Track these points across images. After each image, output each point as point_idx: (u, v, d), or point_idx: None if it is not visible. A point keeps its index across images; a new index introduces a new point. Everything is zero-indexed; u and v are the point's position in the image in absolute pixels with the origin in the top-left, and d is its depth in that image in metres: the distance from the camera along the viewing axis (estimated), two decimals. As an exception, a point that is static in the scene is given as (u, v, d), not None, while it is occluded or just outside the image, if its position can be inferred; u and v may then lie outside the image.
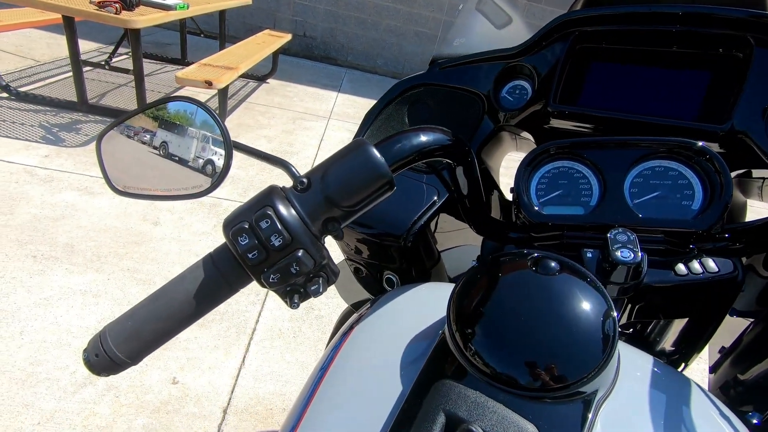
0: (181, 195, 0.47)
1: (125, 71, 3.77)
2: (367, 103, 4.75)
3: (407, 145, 0.43)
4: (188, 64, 3.96)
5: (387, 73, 6.03)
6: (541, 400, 0.35)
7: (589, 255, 0.55)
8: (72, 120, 3.04)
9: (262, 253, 0.37)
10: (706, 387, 0.67)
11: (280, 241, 0.37)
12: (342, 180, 0.40)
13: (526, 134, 0.83)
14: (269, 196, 0.39)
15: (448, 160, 0.51)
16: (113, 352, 0.37)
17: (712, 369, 0.70)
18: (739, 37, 0.62)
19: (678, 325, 0.71)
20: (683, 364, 0.78)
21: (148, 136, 0.50)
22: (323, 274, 0.41)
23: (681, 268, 0.54)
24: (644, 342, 0.83)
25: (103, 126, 3.08)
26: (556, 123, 0.75)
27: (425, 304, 0.56)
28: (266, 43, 4.16)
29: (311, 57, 5.95)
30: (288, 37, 4.65)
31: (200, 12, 3.45)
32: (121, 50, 4.05)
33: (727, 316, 0.63)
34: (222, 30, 4.51)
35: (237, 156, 0.45)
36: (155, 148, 0.49)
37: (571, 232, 0.58)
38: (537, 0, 5.38)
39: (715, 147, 0.65)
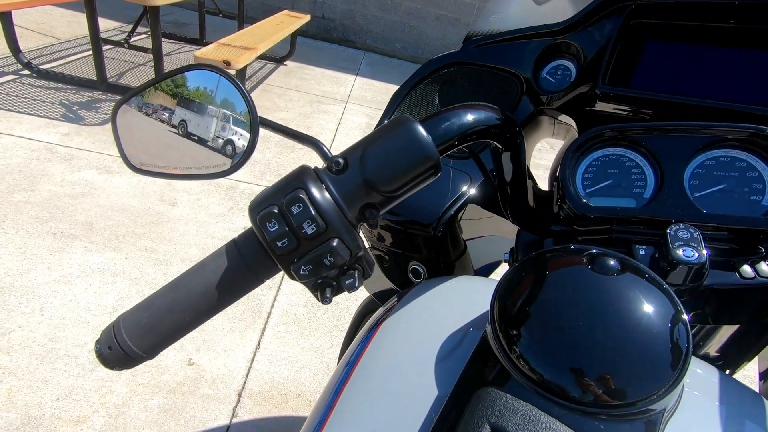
0: (201, 174, 0.44)
1: (144, 50, 3.75)
2: (384, 87, 4.67)
3: (456, 124, 0.39)
4: (206, 44, 3.92)
5: (406, 57, 5.90)
6: (599, 417, 0.31)
7: (642, 252, 0.50)
8: (91, 99, 3.04)
9: (293, 241, 0.34)
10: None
11: (313, 229, 0.33)
12: (384, 161, 0.35)
13: (566, 118, 0.78)
14: (301, 177, 0.35)
15: (496, 143, 0.46)
16: (127, 345, 0.34)
17: (763, 376, 0.65)
18: None
19: (726, 328, 0.65)
20: (727, 371, 0.73)
21: (167, 114, 0.47)
22: (359, 266, 0.37)
23: (747, 269, 0.49)
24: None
25: (122, 105, 3.09)
26: (601, 106, 0.70)
27: (459, 300, 0.52)
28: (284, 24, 4.09)
29: (329, 39, 5.85)
30: (306, 18, 4.57)
31: (219, -10, 3.40)
32: (140, 29, 4.03)
33: None
34: (240, 10, 4.46)
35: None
36: (174, 126, 0.46)
37: (620, 227, 0.53)
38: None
39: None
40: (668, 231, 0.48)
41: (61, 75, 3.15)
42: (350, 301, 1.92)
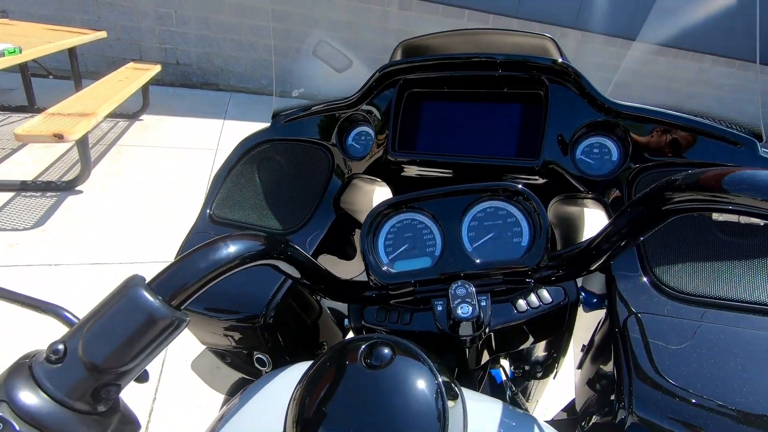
0: None
1: (-48, 131, 3.18)
2: (257, 127, 4.56)
3: (195, 271, 0.38)
4: (39, 110, 3.47)
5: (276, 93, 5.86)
6: None
7: (439, 308, 0.55)
8: None
9: None
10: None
11: None
12: (107, 339, 0.33)
13: (380, 181, 0.82)
14: (6, 385, 0.31)
15: (260, 263, 0.46)
16: None
17: (578, 366, 0.75)
18: (537, 79, 0.67)
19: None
20: (555, 370, 0.82)
21: None
22: None
23: (521, 304, 0.56)
24: (519, 356, 0.87)
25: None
26: (409, 170, 0.75)
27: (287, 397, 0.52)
28: (131, 78, 3.80)
29: (189, 85, 5.58)
30: (157, 68, 4.30)
31: (39, 54, 3.03)
32: (-56, 105, 3.42)
33: (582, 313, 0.67)
34: (74, 69, 4.03)
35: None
36: None
37: (422, 287, 0.58)
38: (407, 8, 5.64)
39: (538, 178, 0.69)
40: (450, 290, 0.52)
41: None
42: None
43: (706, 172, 0.36)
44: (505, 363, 0.90)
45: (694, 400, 0.43)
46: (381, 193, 0.88)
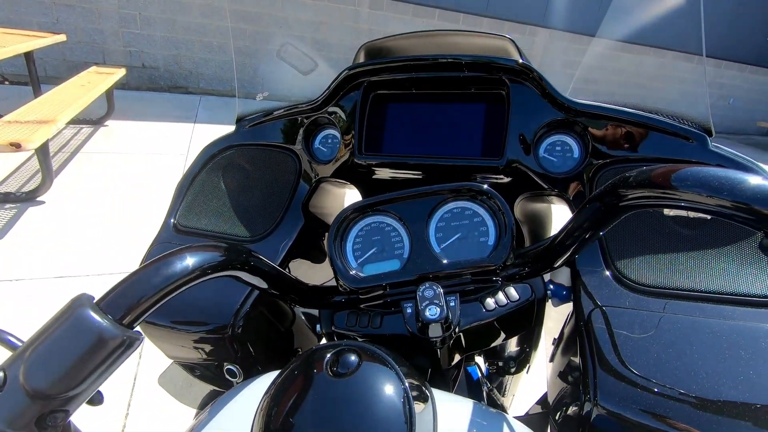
0: None
1: None
2: (229, 130, 4.46)
3: (147, 287, 0.36)
4: (-6, 118, 3.30)
5: (244, 95, 5.76)
6: None
7: (408, 311, 0.55)
8: None
9: None
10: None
11: None
12: (51, 363, 0.31)
13: (350, 185, 0.82)
14: None
15: (220, 275, 0.45)
16: None
17: (550, 359, 0.76)
18: (498, 79, 0.68)
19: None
20: (528, 364, 0.83)
21: None
22: None
23: (489, 302, 0.56)
24: (493, 352, 0.88)
25: None
26: (373, 170, 0.75)
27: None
28: (94, 82, 3.66)
29: (156, 88, 5.42)
30: (121, 71, 4.17)
31: (-8, 59, 2.89)
32: None
33: (552, 307, 0.68)
34: (32, 74, 3.85)
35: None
36: None
37: (391, 290, 0.57)
38: (378, 7, 5.64)
39: (503, 177, 0.70)
40: (418, 292, 0.52)
41: None
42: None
43: (656, 169, 0.36)
44: (479, 360, 0.90)
45: (656, 389, 0.44)
46: (351, 195, 0.87)
